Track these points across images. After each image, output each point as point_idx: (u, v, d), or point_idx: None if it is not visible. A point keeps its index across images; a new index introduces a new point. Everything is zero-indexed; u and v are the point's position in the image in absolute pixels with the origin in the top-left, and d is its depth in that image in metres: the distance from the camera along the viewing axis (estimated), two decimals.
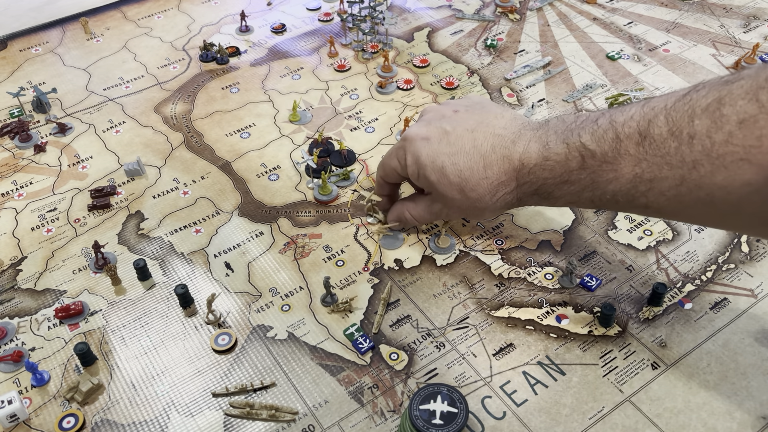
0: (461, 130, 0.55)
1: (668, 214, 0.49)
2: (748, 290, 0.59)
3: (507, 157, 0.53)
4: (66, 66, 0.86)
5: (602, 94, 0.80)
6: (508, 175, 0.53)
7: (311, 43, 0.90)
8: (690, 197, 0.44)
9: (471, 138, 0.55)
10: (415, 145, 0.57)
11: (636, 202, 0.48)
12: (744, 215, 0.44)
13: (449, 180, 0.55)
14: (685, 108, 0.44)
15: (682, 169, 0.44)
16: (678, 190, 0.45)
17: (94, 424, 0.51)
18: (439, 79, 0.83)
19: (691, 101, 0.44)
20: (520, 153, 0.53)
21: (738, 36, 0.89)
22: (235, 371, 0.54)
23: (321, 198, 0.68)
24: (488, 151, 0.54)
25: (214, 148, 0.74)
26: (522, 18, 0.94)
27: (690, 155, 0.43)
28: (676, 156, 0.44)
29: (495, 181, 0.54)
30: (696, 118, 0.43)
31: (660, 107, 0.46)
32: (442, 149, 0.55)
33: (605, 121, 0.49)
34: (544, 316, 0.58)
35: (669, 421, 0.51)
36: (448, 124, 0.56)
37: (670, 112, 0.45)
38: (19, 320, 0.58)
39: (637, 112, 0.47)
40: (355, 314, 0.58)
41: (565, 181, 0.51)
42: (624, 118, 0.47)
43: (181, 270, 0.62)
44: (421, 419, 0.45)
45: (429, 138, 0.56)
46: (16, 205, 0.69)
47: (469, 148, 0.54)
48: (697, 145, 0.43)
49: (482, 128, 0.55)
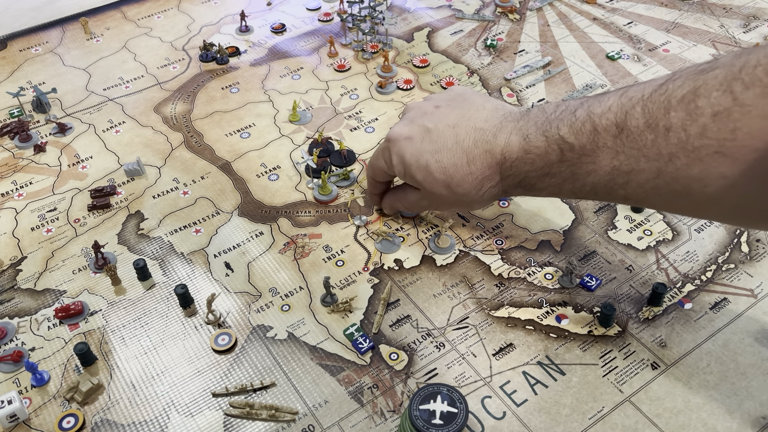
0: (443, 127, 0.56)
1: (648, 205, 0.49)
2: (748, 290, 0.59)
3: (489, 152, 0.53)
4: (66, 66, 0.86)
5: None
6: (491, 169, 0.54)
7: (311, 43, 0.90)
8: (667, 189, 0.44)
9: (453, 134, 0.55)
10: (399, 144, 0.57)
11: (615, 193, 0.48)
12: (722, 207, 0.44)
13: (434, 177, 0.55)
14: (661, 99, 0.44)
15: (659, 162, 0.44)
16: (655, 182, 0.45)
17: (94, 424, 0.51)
18: (439, 79, 0.83)
19: (667, 92, 0.43)
20: (501, 147, 0.53)
21: (738, 36, 0.89)
22: (235, 371, 0.54)
23: (321, 198, 0.68)
24: (471, 147, 0.54)
25: (214, 148, 0.74)
26: (522, 18, 0.94)
27: (666, 148, 0.43)
28: (653, 149, 0.44)
29: (479, 176, 0.54)
30: (672, 110, 0.43)
31: (637, 98, 0.45)
32: (425, 147, 0.56)
33: (583, 112, 0.48)
34: (544, 316, 0.58)
35: (669, 421, 0.51)
36: (430, 121, 0.57)
37: (646, 104, 0.44)
38: (19, 320, 0.58)
39: (614, 102, 0.47)
40: (355, 314, 0.58)
41: (546, 173, 0.51)
42: (602, 110, 0.47)
43: (181, 270, 0.62)
44: (421, 419, 0.45)
45: (412, 137, 0.57)
46: (16, 205, 0.69)
47: (452, 144, 0.55)
48: (673, 138, 0.43)
49: (464, 123, 0.55)
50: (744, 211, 0.44)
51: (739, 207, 0.43)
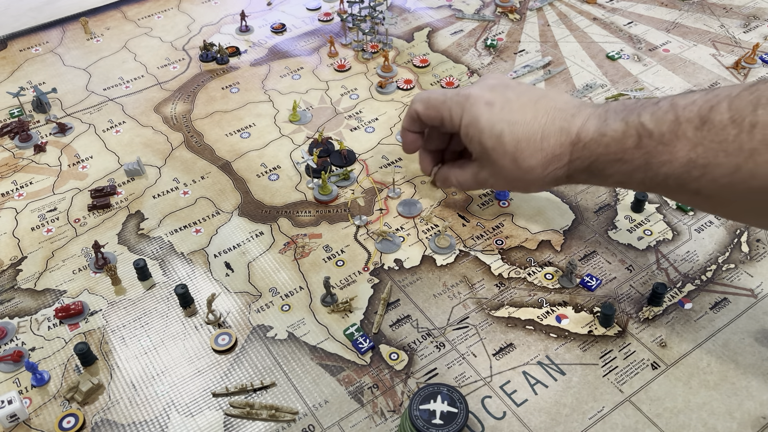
0: (525, 100, 0.55)
1: (716, 203, 0.48)
2: (748, 290, 0.59)
3: (565, 130, 0.53)
4: (66, 66, 0.86)
5: (602, 94, 0.80)
6: (563, 148, 0.53)
7: (311, 43, 0.90)
8: (743, 186, 0.44)
9: (533, 109, 0.55)
10: (478, 107, 0.56)
11: (687, 186, 0.47)
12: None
13: (505, 148, 0.55)
14: (750, 97, 0.44)
15: (738, 158, 0.44)
16: (731, 178, 0.44)
17: (94, 424, 0.51)
18: (439, 79, 0.83)
19: (758, 91, 0.44)
20: (578, 127, 0.53)
21: (738, 36, 0.89)
22: (235, 371, 0.54)
23: (321, 198, 0.68)
24: (547, 123, 0.54)
25: (214, 148, 0.74)
26: (522, 18, 0.94)
27: (749, 143, 0.43)
28: (734, 143, 0.44)
29: (549, 154, 0.54)
30: (760, 107, 0.43)
31: (724, 95, 0.45)
32: (503, 116, 0.55)
33: (666, 103, 0.49)
34: (544, 316, 0.58)
35: (669, 421, 0.51)
36: (512, 92, 0.56)
37: (734, 100, 0.45)
38: (19, 320, 0.58)
39: (700, 97, 0.47)
40: (355, 314, 0.58)
41: (619, 159, 0.50)
42: (686, 102, 0.47)
43: (181, 270, 0.62)
44: (421, 419, 0.45)
45: (492, 103, 0.56)
46: (16, 205, 0.69)
47: (530, 118, 0.54)
48: (758, 134, 0.43)
49: (544, 101, 0.55)
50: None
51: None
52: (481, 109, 0.56)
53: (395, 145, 0.74)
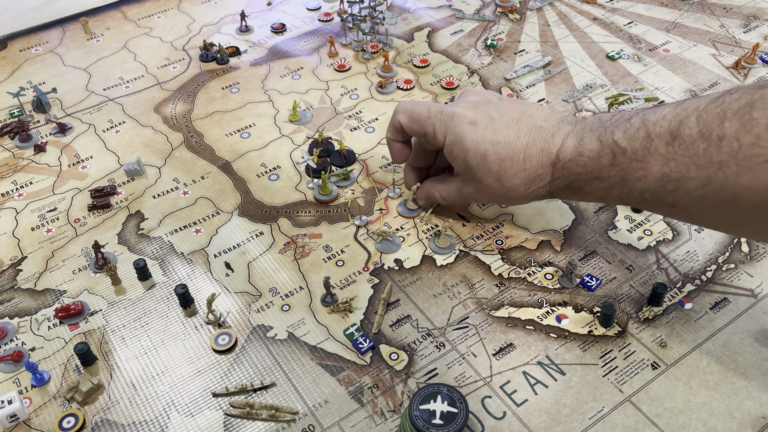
0: (507, 119, 0.56)
1: (693, 215, 0.49)
2: (748, 290, 0.59)
3: (545, 150, 0.54)
4: (66, 66, 0.86)
5: (602, 94, 0.80)
6: (544, 168, 0.54)
7: (311, 43, 0.90)
8: (714, 197, 0.45)
9: (515, 129, 0.55)
10: (462, 127, 0.57)
11: (663, 200, 0.49)
12: (765, 217, 0.44)
13: (489, 168, 0.56)
14: (717, 111, 0.45)
15: (709, 170, 0.45)
16: (703, 190, 0.45)
17: (94, 424, 0.51)
18: (439, 79, 0.83)
19: (723, 104, 0.45)
20: (557, 147, 0.54)
21: (738, 36, 0.89)
22: (235, 371, 0.54)
23: (321, 198, 0.68)
24: (529, 144, 0.55)
25: (214, 148, 0.74)
26: (522, 18, 0.94)
27: (717, 156, 0.44)
28: (704, 157, 0.45)
29: (532, 174, 0.55)
30: (726, 120, 0.44)
31: (692, 108, 0.46)
32: (487, 136, 0.56)
33: (638, 120, 0.50)
34: (544, 316, 0.58)
35: (669, 421, 0.51)
36: (495, 110, 0.57)
37: (701, 114, 0.45)
38: (19, 320, 0.58)
39: (669, 112, 0.48)
40: (355, 314, 0.58)
41: (596, 177, 0.52)
42: (656, 118, 0.48)
43: (181, 270, 0.62)
44: (421, 419, 0.45)
45: (476, 123, 0.56)
46: (16, 205, 0.69)
47: (513, 138, 0.55)
48: (725, 147, 0.44)
49: (525, 119, 0.56)
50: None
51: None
52: (465, 129, 0.57)
53: None
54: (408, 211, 0.66)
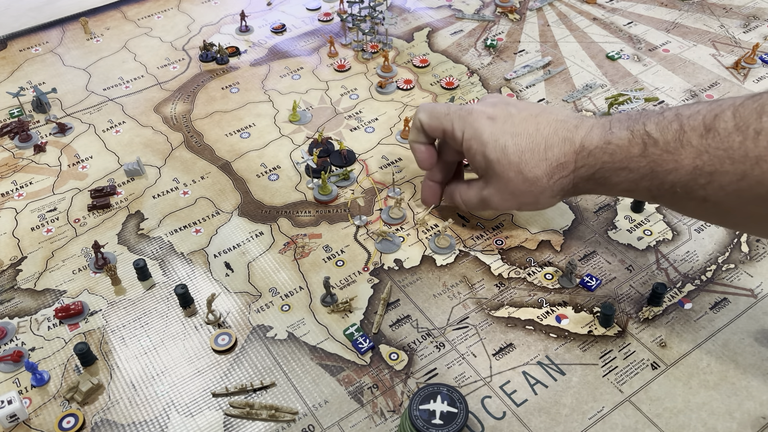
0: (526, 114, 0.56)
1: (725, 211, 0.48)
2: (748, 290, 0.59)
3: (568, 140, 0.54)
4: (66, 66, 0.86)
5: (602, 94, 0.80)
6: (567, 156, 0.54)
7: (311, 43, 0.90)
8: (750, 193, 0.45)
9: (535, 122, 0.56)
10: (480, 122, 0.57)
11: (694, 194, 0.48)
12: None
13: (509, 159, 0.55)
14: (754, 106, 0.44)
15: (745, 165, 0.44)
16: (739, 185, 0.45)
17: (94, 424, 0.51)
18: (439, 79, 0.83)
19: (761, 100, 0.44)
20: (582, 136, 0.53)
21: (738, 36, 0.89)
22: (235, 371, 0.54)
23: (321, 198, 0.68)
24: (550, 134, 0.55)
25: (214, 148, 0.74)
26: (522, 18, 0.94)
27: (754, 150, 0.43)
28: (740, 150, 0.44)
29: (554, 162, 0.54)
30: (765, 115, 0.43)
31: (728, 104, 0.46)
32: (506, 129, 0.56)
33: (671, 113, 0.49)
34: (544, 316, 0.58)
35: (669, 421, 0.51)
36: (513, 107, 0.58)
37: (738, 109, 0.45)
38: (19, 320, 0.58)
39: (704, 107, 0.48)
40: (355, 314, 0.58)
41: (625, 167, 0.51)
42: (690, 112, 0.48)
43: (181, 270, 0.62)
44: (421, 419, 0.45)
45: (495, 118, 0.57)
46: (16, 205, 0.69)
47: (533, 130, 0.55)
48: (763, 141, 0.43)
49: (545, 114, 0.56)
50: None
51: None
52: (483, 124, 0.57)
53: (395, 145, 0.74)
54: (391, 219, 0.66)
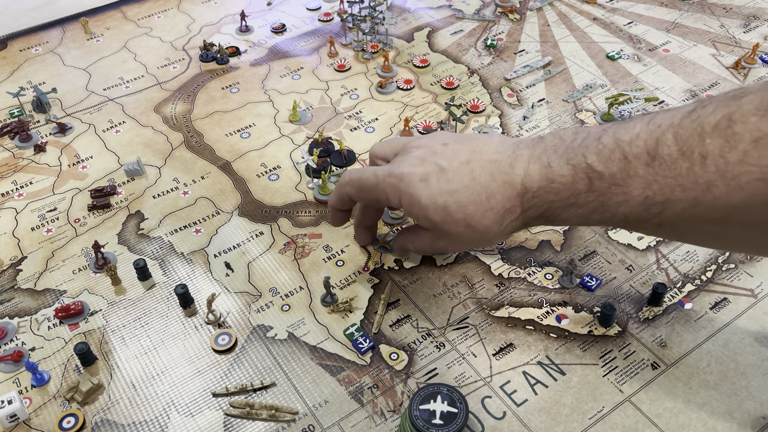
0: (456, 164, 0.53)
1: (682, 232, 0.47)
2: (748, 290, 0.59)
3: (508, 183, 0.51)
4: (66, 66, 0.86)
5: (602, 94, 0.80)
6: (512, 201, 0.51)
7: (311, 43, 0.90)
8: (704, 217, 0.43)
9: (468, 170, 0.52)
10: (414, 187, 0.53)
11: (649, 222, 0.46)
12: (761, 234, 0.43)
13: (454, 218, 0.52)
14: (693, 125, 0.42)
15: (696, 191, 0.42)
16: (693, 211, 0.43)
17: (94, 424, 0.51)
18: (439, 79, 0.83)
19: (699, 118, 0.42)
20: (521, 177, 0.50)
21: (738, 36, 0.89)
22: (235, 371, 0.54)
23: (321, 198, 0.68)
24: (488, 181, 0.51)
25: (214, 148, 0.74)
26: (522, 18, 0.94)
27: (704, 176, 0.41)
28: (689, 177, 0.42)
29: (500, 210, 0.51)
30: (707, 136, 0.41)
31: (666, 124, 0.44)
32: (442, 188, 0.52)
33: (609, 139, 0.46)
34: (544, 316, 0.58)
35: (669, 421, 0.51)
36: (442, 159, 0.53)
37: (678, 130, 0.43)
38: (19, 320, 0.58)
39: (642, 129, 0.45)
40: (355, 314, 0.58)
41: (572, 203, 0.48)
42: (630, 137, 0.45)
43: (181, 270, 0.62)
44: (421, 419, 0.45)
45: (427, 178, 0.53)
46: (16, 205, 0.69)
47: (468, 181, 0.52)
48: (711, 166, 0.41)
49: (476, 157, 0.53)
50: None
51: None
52: (417, 188, 0.53)
53: None
54: (392, 219, 0.66)
